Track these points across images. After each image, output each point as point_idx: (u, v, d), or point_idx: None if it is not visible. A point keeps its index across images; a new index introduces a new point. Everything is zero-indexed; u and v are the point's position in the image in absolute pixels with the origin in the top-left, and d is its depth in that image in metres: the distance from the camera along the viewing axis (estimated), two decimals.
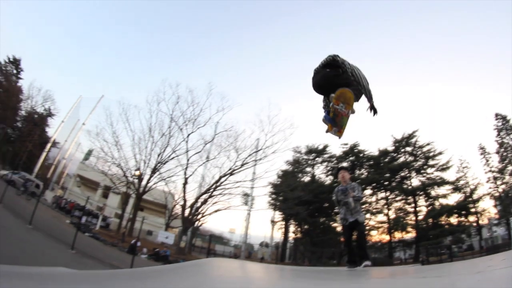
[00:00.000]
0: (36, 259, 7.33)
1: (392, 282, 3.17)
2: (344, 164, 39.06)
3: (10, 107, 50.59)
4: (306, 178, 44.09)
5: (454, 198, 35.46)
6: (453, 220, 34.77)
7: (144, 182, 30.47)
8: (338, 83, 4.43)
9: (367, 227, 36.23)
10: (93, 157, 38.72)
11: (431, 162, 37.09)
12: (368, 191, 38.83)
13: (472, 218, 34.12)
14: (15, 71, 56.37)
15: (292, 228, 46.69)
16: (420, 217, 36.55)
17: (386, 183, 39.28)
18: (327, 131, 4.74)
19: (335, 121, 4.63)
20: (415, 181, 38.21)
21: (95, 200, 41.08)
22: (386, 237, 38.39)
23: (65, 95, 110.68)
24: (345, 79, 4.49)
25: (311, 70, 4.74)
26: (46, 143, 51.17)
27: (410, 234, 36.97)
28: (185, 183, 29.72)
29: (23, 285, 3.35)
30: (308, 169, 44.39)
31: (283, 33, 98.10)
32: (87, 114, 51.38)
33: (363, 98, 4.59)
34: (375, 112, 4.58)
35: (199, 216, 29.54)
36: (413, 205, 37.51)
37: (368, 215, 37.63)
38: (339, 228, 41.78)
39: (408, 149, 39.18)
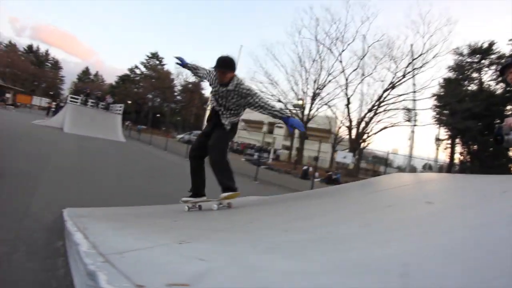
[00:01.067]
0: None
1: None
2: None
3: (166, 88, 61.18)
4: (473, 86, 36.91)
5: None
6: None
7: (306, 111, 30.93)
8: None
9: None
10: None
11: None
12: None
13: None
14: (157, 62, 68.23)
15: (458, 149, 41.23)
16: None
17: None
18: None
19: None
20: None
21: (262, 138, 44.53)
22: None
23: (208, 58, 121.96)
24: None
25: None
26: (206, 103, 59.14)
27: None
28: (347, 103, 28.94)
29: (237, 211, 3.88)
30: (474, 75, 36.70)
31: None
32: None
33: None
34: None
35: (365, 136, 28.57)
36: None
37: None
38: None
39: None
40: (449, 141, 40.50)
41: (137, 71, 67.95)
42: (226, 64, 3.89)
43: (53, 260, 2.95)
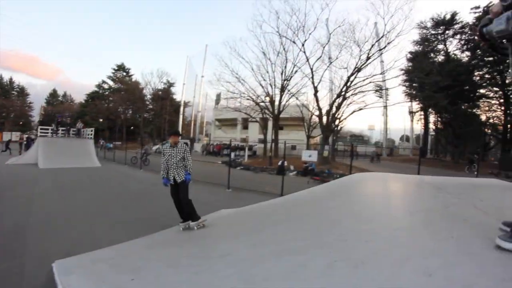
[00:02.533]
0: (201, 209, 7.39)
1: None
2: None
3: (136, 99, 60.40)
4: (440, 58, 37.46)
5: None
6: None
7: (277, 103, 30.51)
8: None
9: None
10: (223, 99, 40.79)
11: None
12: None
13: None
14: (124, 73, 67.82)
15: (432, 118, 42.30)
16: None
17: None
18: None
19: None
20: None
21: (237, 134, 43.74)
22: None
23: (175, 62, 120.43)
24: None
25: None
26: (179, 107, 58.61)
27: None
28: (315, 92, 28.29)
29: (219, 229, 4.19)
30: (440, 46, 37.38)
31: None
32: (201, 67, 55.66)
33: None
34: None
35: (337, 121, 28.39)
36: None
37: None
38: (483, 117, 36.33)
39: None
40: (422, 113, 41.64)
41: (105, 86, 66.53)
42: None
43: None
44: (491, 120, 36.90)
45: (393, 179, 6.98)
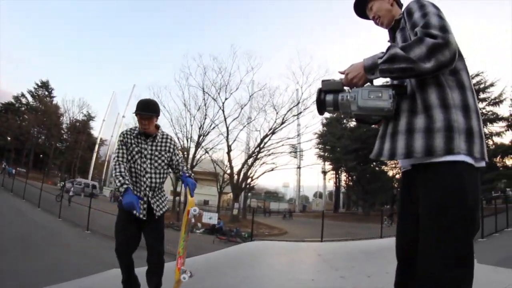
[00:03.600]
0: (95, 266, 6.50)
1: None
2: None
3: (52, 125, 54.75)
4: (352, 123, 40.63)
5: (509, 137, 31.42)
6: (509, 162, 31.52)
7: (190, 156, 30.47)
8: None
9: None
10: None
11: (481, 96, 31.82)
12: None
13: None
14: (46, 93, 60.73)
15: (343, 176, 46.00)
16: None
17: None
18: None
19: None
20: None
21: None
22: None
23: (99, 95, 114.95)
24: None
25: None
26: (95, 145, 54.71)
27: None
28: (228, 151, 29.47)
29: None
30: None
31: None
32: (124, 107, 54.06)
33: None
34: None
35: (248, 180, 29.47)
36: None
37: None
38: (390, 173, 40.21)
39: None
40: (333, 172, 45.04)
41: (23, 101, 58.44)
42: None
43: None
44: (397, 176, 41.30)
45: (284, 251, 6.82)
